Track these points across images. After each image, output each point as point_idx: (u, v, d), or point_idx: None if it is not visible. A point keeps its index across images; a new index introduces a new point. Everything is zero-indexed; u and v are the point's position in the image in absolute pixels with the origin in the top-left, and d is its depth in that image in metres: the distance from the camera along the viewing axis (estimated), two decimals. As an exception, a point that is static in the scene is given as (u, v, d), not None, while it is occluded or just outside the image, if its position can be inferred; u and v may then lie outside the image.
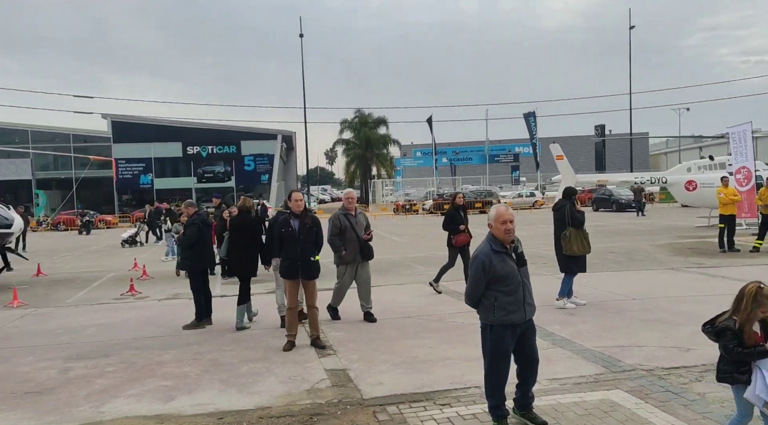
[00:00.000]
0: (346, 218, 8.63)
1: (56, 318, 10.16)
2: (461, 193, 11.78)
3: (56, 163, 57.09)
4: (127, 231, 26.69)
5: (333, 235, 8.55)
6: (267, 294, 11.23)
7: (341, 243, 8.54)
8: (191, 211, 9.15)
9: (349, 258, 8.57)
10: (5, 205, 14.61)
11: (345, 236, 8.55)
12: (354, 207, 8.75)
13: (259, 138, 55.59)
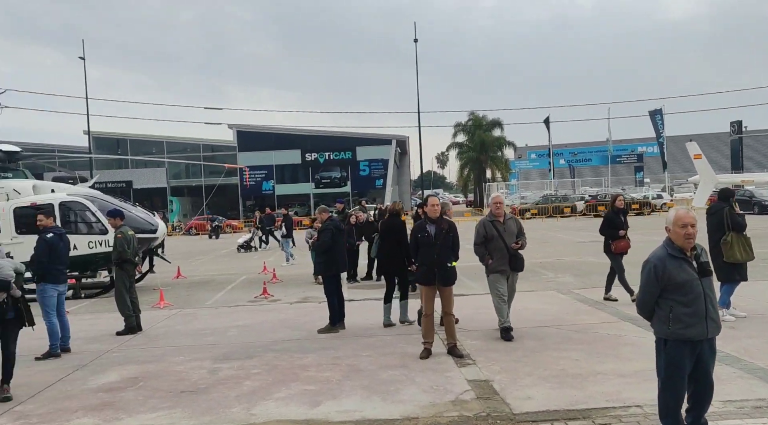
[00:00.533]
0: (493, 226, 7.93)
1: (200, 318, 10.68)
2: (621, 195, 10.80)
3: (188, 171, 61.10)
4: (243, 237, 27.73)
5: (477, 244, 8.00)
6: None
7: (487, 252, 7.93)
8: (324, 217, 9.29)
9: (497, 267, 7.91)
10: (150, 212, 15.66)
11: (492, 245, 7.88)
12: (503, 212, 8.04)
13: (373, 143, 56.50)
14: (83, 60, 48.88)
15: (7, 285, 6.22)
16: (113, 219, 9.67)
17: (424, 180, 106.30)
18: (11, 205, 14.18)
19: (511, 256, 7.86)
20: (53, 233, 8.36)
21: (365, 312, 10.38)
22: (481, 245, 7.97)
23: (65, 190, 14.82)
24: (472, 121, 60.82)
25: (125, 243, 9.51)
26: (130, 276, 9.72)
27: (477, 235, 8.01)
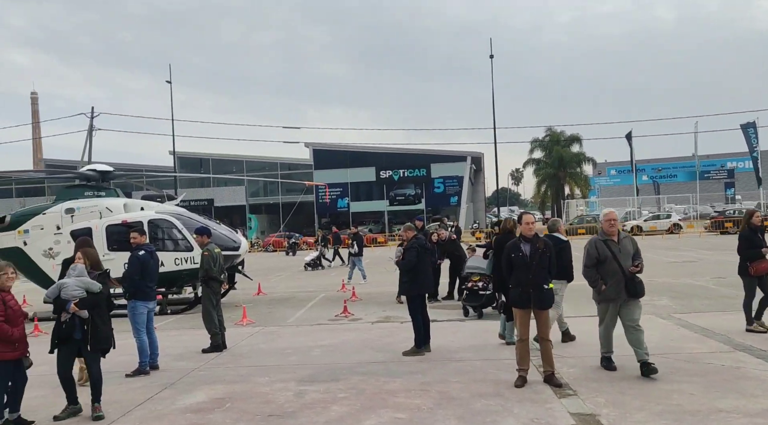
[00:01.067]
0: (606, 245, 7.05)
1: (282, 337, 10.60)
2: (758, 211, 9.70)
3: (265, 189, 62.65)
4: (310, 255, 27.72)
5: (588, 266, 7.13)
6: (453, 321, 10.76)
7: (599, 276, 7.06)
8: (410, 235, 9.01)
9: (611, 294, 7.00)
10: (233, 229, 15.89)
11: (605, 268, 7.02)
12: (617, 231, 7.17)
13: (448, 160, 56.13)
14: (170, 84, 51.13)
15: (62, 305, 6.25)
16: (200, 237, 9.75)
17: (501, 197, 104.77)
18: (104, 223, 14.71)
19: (627, 280, 6.95)
20: (145, 250, 8.48)
21: (449, 333, 10.01)
22: (593, 268, 7.10)
23: (154, 208, 15.26)
24: (549, 136, 59.57)
25: (212, 260, 9.56)
26: (216, 294, 9.75)
27: (587, 257, 7.13)
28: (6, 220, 14.98)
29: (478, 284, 11.66)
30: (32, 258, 14.75)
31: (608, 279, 6.98)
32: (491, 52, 50.69)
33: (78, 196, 15.27)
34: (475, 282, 11.73)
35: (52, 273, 14.69)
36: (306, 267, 26.37)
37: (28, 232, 14.83)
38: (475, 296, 11.68)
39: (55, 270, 14.72)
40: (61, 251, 14.65)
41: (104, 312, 6.47)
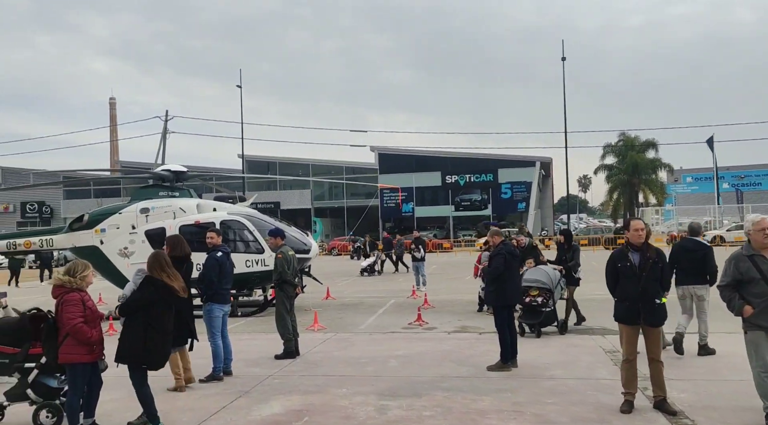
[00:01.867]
0: (753, 262, 5.49)
1: (356, 345, 10.17)
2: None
3: (330, 193, 62.97)
4: (366, 261, 27.18)
5: (724, 286, 5.70)
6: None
7: (740, 298, 5.55)
8: (497, 241, 8.40)
9: (761, 322, 5.42)
10: (303, 231, 15.64)
11: (750, 289, 5.48)
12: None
13: (516, 165, 54.87)
14: (240, 88, 52.14)
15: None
16: (274, 239, 9.44)
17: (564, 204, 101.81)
18: (177, 223, 14.72)
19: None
20: (222, 252, 8.20)
21: (533, 348, 9.32)
22: (731, 288, 5.62)
23: (226, 209, 15.18)
24: (623, 141, 57.31)
25: (285, 263, 9.22)
26: (290, 298, 9.42)
27: (725, 274, 5.73)
28: (84, 219, 15.23)
29: (537, 299, 10.36)
30: (108, 257, 14.91)
31: (755, 304, 5.45)
32: (563, 54, 49.34)
33: (153, 196, 15.37)
34: (533, 297, 10.43)
35: (127, 272, 14.81)
36: (362, 273, 25.98)
37: (104, 231, 15.01)
38: (533, 313, 10.36)
39: (129, 269, 14.86)
40: (136, 251, 14.76)
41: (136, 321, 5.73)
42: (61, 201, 62.22)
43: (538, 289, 10.46)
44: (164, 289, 5.85)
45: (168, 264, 6.03)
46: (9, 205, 63.03)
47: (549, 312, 10.36)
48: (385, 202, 57.97)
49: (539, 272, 10.74)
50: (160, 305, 5.80)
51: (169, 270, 5.99)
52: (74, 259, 6.04)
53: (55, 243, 15.70)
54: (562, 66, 48.64)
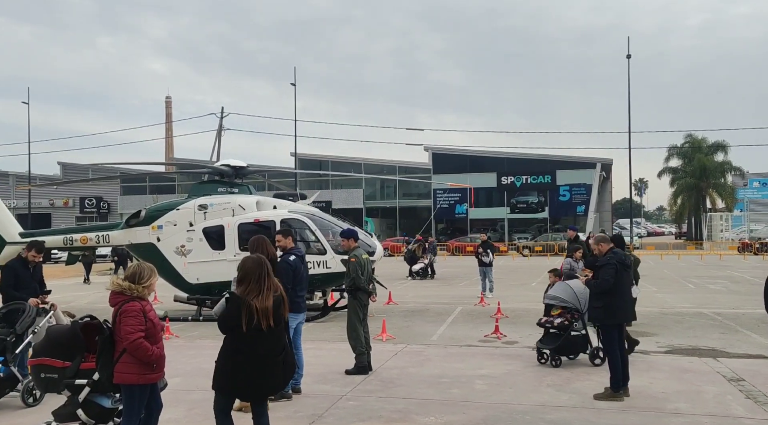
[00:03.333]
0: None
1: (432, 360, 9.16)
2: None
3: (382, 192, 62.11)
4: (418, 264, 26.07)
5: None
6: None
7: None
8: (605, 248, 7.26)
9: None
10: (369, 233, 14.73)
11: None
12: None
13: (575, 167, 52.80)
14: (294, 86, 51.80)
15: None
16: (347, 241, 8.52)
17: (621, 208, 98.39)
18: (236, 221, 14.03)
19: None
20: (295, 255, 7.31)
21: (641, 371, 8.11)
22: None
23: (286, 207, 14.41)
24: (689, 143, 54.57)
25: (359, 268, 8.30)
26: (364, 307, 8.50)
27: None
28: (141, 215, 14.69)
29: (555, 320, 8.89)
30: (165, 255, 14.33)
31: None
32: (629, 51, 47.15)
33: (211, 192, 14.73)
34: (552, 317, 9.02)
35: (184, 271, 14.22)
36: (414, 275, 25.05)
37: (161, 228, 14.44)
38: (552, 337, 8.88)
39: (186, 268, 14.25)
40: (193, 249, 14.15)
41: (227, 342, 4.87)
42: (118, 197, 63.27)
43: (560, 308, 9.00)
44: (244, 309, 4.84)
45: (264, 278, 4.93)
46: (69, 200, 64.53)
47: (576, 337, 8.76)
48: (439, 202, 56.74)
49: (562, 287, 9.21)
50: (247, 325, 4.79)
51: (264, 285, 4.92)
52: (137, 263, 5.21)
53: (111, 239, 15.24)
54: (628, 64, 46.46)
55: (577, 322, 8.75)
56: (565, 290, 9.05)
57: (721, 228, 51.09)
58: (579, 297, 8.74)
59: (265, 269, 5.06)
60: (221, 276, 13.98)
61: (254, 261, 5.11)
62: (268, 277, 5.03)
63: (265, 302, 4.90)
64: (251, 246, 6.75)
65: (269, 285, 5.01)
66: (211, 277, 14.00)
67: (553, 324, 8.92)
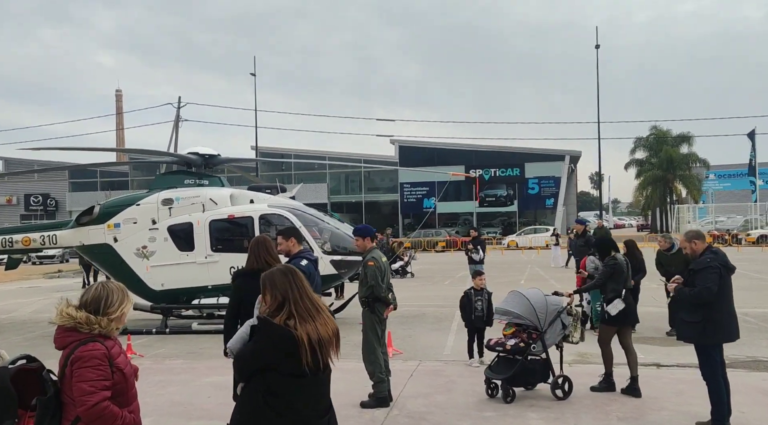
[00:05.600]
0: None
1: (459, 384, 7.57)
2: None
3: (347, 187, 60.39)
4: (398, 262, 24.58)
5: None
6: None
7: None
8: (699, 247, 5.77)
9: None
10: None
11: None
12: None
13: (544, 159, 52.14)
14: (254, 76, 49.50)
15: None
16: (362, 240, 6.85)
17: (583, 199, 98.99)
18: (207, 217, 12.17)
19: None
20: (306, 259, 5.59)
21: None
22: None
23: (265, 201, 12.62)
24: (654, 135, 54.55)
25: (379, 274, 6.66)
26: (382, 322, 6.87)
27: None
28: (95, 212, 12.67)
29: (507, 342, 6.97)
30: (123, 258, 12.39)
31: None
32: (597, 41, 46.47)
33: (177, 185, 12.81)
34: (504, 338, 7.10)
35: (146, 276, 12.30)
36: (393, 274, 23.44)
37: (119, 226, 12.46)
38: (504, 363, 6.93)
39: (148, 272, 12.34)
40: (157, 250, 12.24)
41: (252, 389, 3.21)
42: (67, 193, 59.81)
43: (514, 326, 7.09)
44: (289, 344, 3.21)
45: (308, 294, 3.30)
46: (12, 197, 60.68)
47: (533, 364, 6.88)
48: (406, 197, 55.38)
49: (516, 299, 7.11)
50: (286, 368, 3.16)
51: (311, 304, 3.30)
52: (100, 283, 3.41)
53: (59, 240, 13.16)
54: (596, 54, 45.86)
55: (536, 344, 6.82)
56: (519, 302, 7.03)
57: (688, 220, 51.15)
58: (537, 310, 6.87)
59: (305, 282, 3.41)
60: (190, 281, 12.19)
61: (284, 273, 3.42)
62: (312, 293, 3.40)
63: (323, 328, 3.25)
64: (252, 251, 5.08)
65: (318, 305, 3.36)
66: (178, 283, 12.15)
67: (505, 347, 6.94)
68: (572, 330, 6.98)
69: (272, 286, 3.37)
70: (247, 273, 5.04)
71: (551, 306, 6.90)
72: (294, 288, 3.33)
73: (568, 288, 18.66)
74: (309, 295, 3.37)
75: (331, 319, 3.37)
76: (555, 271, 24.07)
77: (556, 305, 6.94)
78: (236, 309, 4.94)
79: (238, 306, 4.93)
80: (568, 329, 6.96)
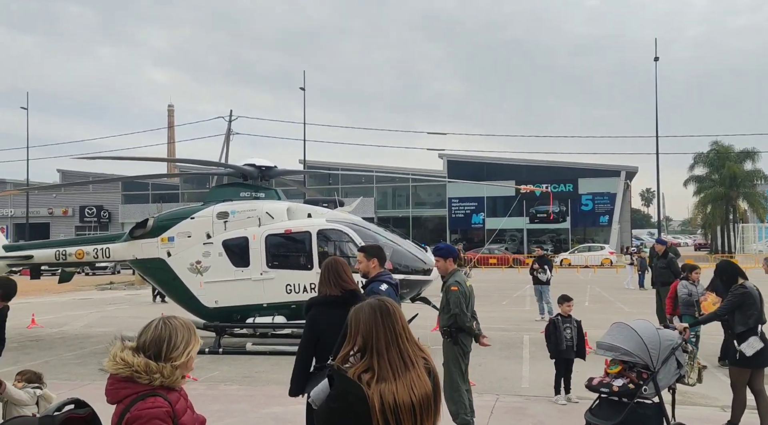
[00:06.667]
0: None
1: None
2: None
3: (393, 201, 59.75)
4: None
5: None
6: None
7: None
8: None
9: None
10: (421, 246, 12.30)
11: None
12: None
13: (599, 175, 50.42)
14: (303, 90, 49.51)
15: None
16: (443, 261, 6.10)
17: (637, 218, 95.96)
18: (263, 232, 11.60)
19: None
20: (387, 283, 4.87)
21: None
22: None
23: (324, 215, 11.99)
24: (715, 150, 52.21)
25: (463, 300, 5.88)
26: (466, 354, 6.07)
27: None
28: (148, 225, 12.25)
29: (614, 382, 5.69)
30: (176, 273, 11.92)
31: None
32: (656, 53, 44.83)
33: (233, 197, 12.30)
34: (609, 377, 5.81)
35: (199, 292, 11.80)
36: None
37: (172, 240, 12.01)
38: (610, 406, 5.71)
39: (202, 288, 11.84)
40: (211, 265, 11.73)
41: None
42: (119, 205, 60.93)
43: (620, 364, 5.79)
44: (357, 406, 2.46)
45: (401, 341, 2.55)
46: (68, 209, 62.20)
47: (643, 408, 5.58)
48: (454, 212, 54.38)
49: (624, 332, 5.82)
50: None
51: (397, 354, 2.53)
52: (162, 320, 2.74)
53: (112, 254, 12.80)
54: (655, 67, 44.22)
55: (647, 385, 5.61)
56: (628, 336, 5.82)
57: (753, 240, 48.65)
58: (649, 347, 5.65)
59: (399, 324, 2.64)
60: (244, 298, 11.63)
61: (372, 309, 2.65)
62: (407, 340, 2.63)
63: (409, 391, 2.48)
64: (324, 276, 4.37)
65: (412, 358, 2.59)
66: (233, 300, 11.60)
67: (612, 389, 5.72)
68: (688, 370, 6.01)
69: (356, 325, 2.63)
70: (322, 301, 4.34)
71: (665, 341, 5.91)
72: (381, 331, 2.56)
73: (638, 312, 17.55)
74: (400, 343, 2.58)
75: (423, 377, 2.57)
76: (621, 293, 22.77)
77: (670, 341, 5.95)
78: (312, 345, 4.22)
79: (315, 342, 4.21)
80: (684, 368, 5.99)
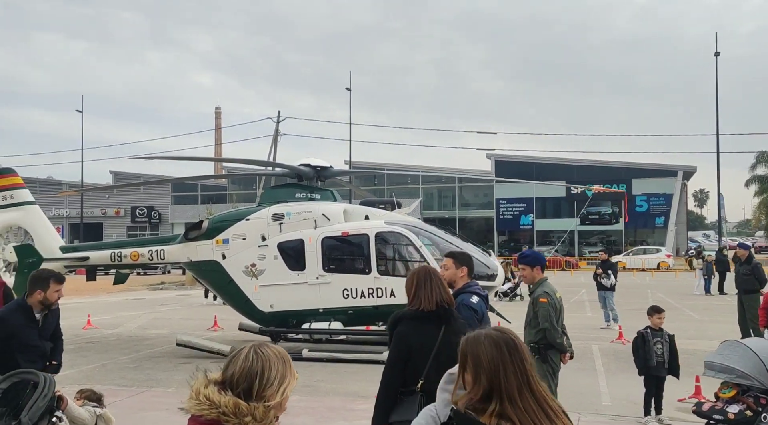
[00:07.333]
0: None
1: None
2: None
3: (439, 202, 59.07)
4: (507, 283, 22.68)
5: None
6: None
7: None
8: None
9: None
10: (484, 250, 11.72)
11: None
12: None
13: (653, 175, 48.72)
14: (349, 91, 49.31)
15: None
16: (529, 269, 5.53)
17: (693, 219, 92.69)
18: (319, 234, 11.21)
19: None
20: (477, 295, 4.35)
21: None
22: None
23: (382, 217, 11.54)
24: (780, 149, 49.77)
25: (553, 312, 5.31)
26: (556, 372, 5.50)
27: None
28: (203, 226, 12.03)
29: (728, 409, 4.88)
30: (231, 276, 11.64)
31: None
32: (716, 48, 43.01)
33: (287, 198, 11.96)
34: (723, 401, 4.97)
35: (254, 296, 11.49)
36: (500, 296, 21.85)
37: (227, 242, 11.75)
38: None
39: (257, 292, 11.53)
40: (266, 268, 11.41)
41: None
42: (169, 206, 62.00)
43: (735, 387, 4.99)
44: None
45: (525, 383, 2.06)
46: (120, 209, 63.63)
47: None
48: (501, 213, 53.39)
49: (738, 351, 5.12)
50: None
51: (532, 399, 2.09)
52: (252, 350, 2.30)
53: (167, 256, 12.63)
54: (716, 62, 42.38)
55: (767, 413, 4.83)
56: (743, 356, 5.06)
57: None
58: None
59: (527, 362, 2.14)
60: (300, 303, 11.26)
61: (496, 344, 2.14)
62: (538, 382, 2.14)
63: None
64: (422, 285, 3.84)
65: (549, 403, 2.10)
66: (288, 304, 11.26)
67: (727, 416, 4.94)
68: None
69: (476, 363, 2.13)
70: (413, 315, 3.83)
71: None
72: (511, 372, 2.08)
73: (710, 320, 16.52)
74: (533, 386, 2.10)
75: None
76: (686, 299, 21.67)
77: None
78: (402, 366, 3.72)
79: (405, 363, 3.72)
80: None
